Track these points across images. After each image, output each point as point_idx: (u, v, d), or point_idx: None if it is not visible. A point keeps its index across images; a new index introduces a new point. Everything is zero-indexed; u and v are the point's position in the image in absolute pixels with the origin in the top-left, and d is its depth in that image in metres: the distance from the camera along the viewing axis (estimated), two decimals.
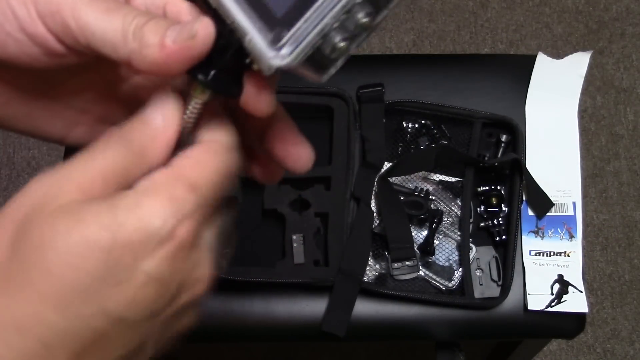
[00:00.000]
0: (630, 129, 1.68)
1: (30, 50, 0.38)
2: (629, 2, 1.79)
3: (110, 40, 0.36)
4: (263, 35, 0.35)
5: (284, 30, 0.35)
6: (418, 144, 1.01)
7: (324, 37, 0.35)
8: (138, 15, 0.36)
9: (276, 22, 0.35)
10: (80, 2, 0.36)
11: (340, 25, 0.35)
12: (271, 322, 0.94)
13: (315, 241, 0.95)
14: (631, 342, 1.54)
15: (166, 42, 0.35)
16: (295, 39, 0.35)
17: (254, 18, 0.35)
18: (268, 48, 0.35)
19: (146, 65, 0.36)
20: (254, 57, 0.36)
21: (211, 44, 0.36)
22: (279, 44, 0.35)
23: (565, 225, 0.96)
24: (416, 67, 1.08)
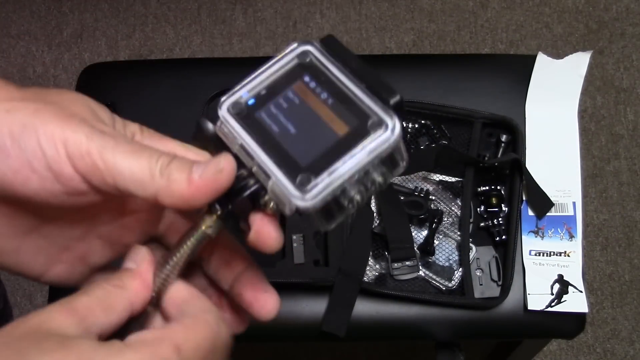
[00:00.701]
0: (630, 129, 1.68)
1: (52, 187, 0.39)
2: (629, 2, 1.79)
3: (139, 178, 0.39)
4: (289, 179, 0.40)
5: (311, 176, 0.39)
6: (418, 144, 1.01)
7: (343, 189, 0.39)
8: (162, 155, 0.39)
9: (300, 170, 0.40)
10: (108, 145, 0.39)
11: (357, 181, 0.40)
12: (271, 322, 0.93)
13: (315, 241, 0.95)
14: (631, 342, 1.54)
15: (193, 178, 0.38)
16: (320, 186, 0.39)
17: (279, 163, 0.40)
18: (295, 190, 0.39)
19: (174, 199, 0.39)
20: (277, 198, 0.40)
21: (233, 179, 0.40)
22: (306, 188, 0.39)
23: (565, 225, 0.96)
24: (416, 67, 1.08)
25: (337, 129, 0.41)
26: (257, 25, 1.80)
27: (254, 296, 0.45)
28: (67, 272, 0.46)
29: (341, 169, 0.39)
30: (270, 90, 0.43)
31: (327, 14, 1.80)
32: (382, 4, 1.80)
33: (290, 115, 0.42)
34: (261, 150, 0.41)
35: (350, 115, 0.41)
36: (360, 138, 0.40)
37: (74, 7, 1.83)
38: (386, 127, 0.40)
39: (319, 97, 0.42)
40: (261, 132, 0.41)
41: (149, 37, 1.80)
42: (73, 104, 0.41)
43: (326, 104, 0.42)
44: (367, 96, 0.41)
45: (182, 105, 1.02)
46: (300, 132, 0.41)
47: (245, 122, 0.42)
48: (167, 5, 1.82)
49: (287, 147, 0.41)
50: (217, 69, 1.07)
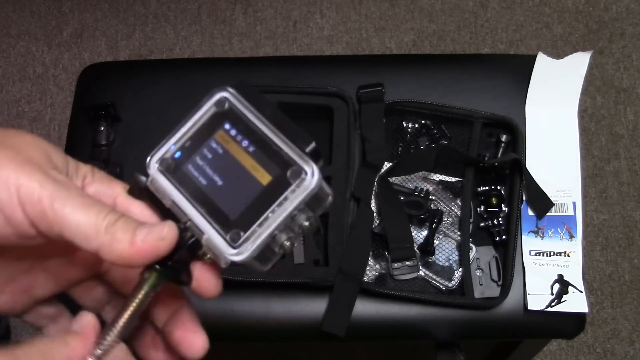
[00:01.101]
0: (630, 129, 1.68)
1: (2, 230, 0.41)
2: (629, 2, 1.79)
3: (84, 232, 0.40)
4: (221, 235, 0.42)
5: (240, 232, 0.42)
6: (418, 144, 1.01)
7: (273, 237, 0.42)
8: (110, 213, 0.41)
9: (231, 225, 0.42)
10: (59, 194, 0.40)
11: (285, 228, 0.42)
12: (271, 322, 0.94)
13: (315, 241, 0.95)
14: (631, 342, 1.54)
15: (136, 240, 0.40)
16: (251, 240, 0.41)
17: (210, 219, 0.42)
18: (227, 247, 0.42)
19: (114, 257, 0.40)
20: (212, 252, 0.43)
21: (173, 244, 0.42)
22: (237, 244, 0.42)
23: (565, 225, 0.96)
24: (416, 67, 1.08)
25: (260, 179, 0.43)
26: (257, 25, 1.80)
27: (183, 335, 0.46)
28: (11, 303, 0.47)
29: (269, 220, 0.41)
30: (195, 141, 0.45)
31: (327, 14, 1.80)
32: (382, 4, 1.80)
33: (216, 166, 0.44)
34: (191, 207, 0.43)
35: (271, 164, 0.43)
36: (283, 187, 0.42)
37: (74, 7, 1.83)
38: (305, 174, 0.42)
39: (240, 145, 0.44)
40: (189, 186, 0.44)
41: (149, 37, 1.80)
42: (29, 148, 0.42)
43: (248, 153, 0.43)
44: (285, 144, 0.43)
45: (182, 105, 1.02)
46: (226, 183, 0.43)
47: (174, 177, 0.44)
48: (167, 5, 1.82)
49: (215, 200, 0.43)
50: (217, 69, 1.07)
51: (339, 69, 1.06)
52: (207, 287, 0.44)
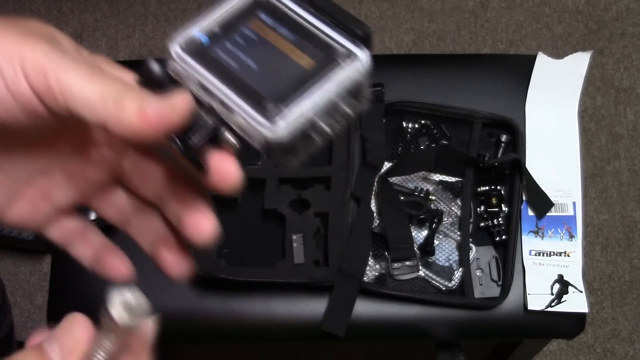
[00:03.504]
0: (630, 129, 1.68)
1: (10, 107, 0.38)
2: (629, 2, 1.79)
3: (90, 103, 0.37)
4: (256, 110, 0.37)
5: (281, 106, 0.37)
6: (418, 144, 1.01)
7: (313, 120, 0.38)
8: (120, 84, 0.38)
9: (266, 102, 0.38)
10: (65, 64, 0.38)
11: (326, 112, 0.38)
12: (271, 322, 0.94)
13: (315, 241, 0.95)
14: (631, 342, 1.53)
15: (145, 110, 0.37)
16: (291, 115, 0.37)
17: (244, 97, 0.38)
18: (265, 120, 0.37)
19: (122, 129, 0.37)
20: (244, 132, 0.38)
21: (188, 116, 0.38)
22: (276, 118, 0.37)
23: (565, 225, 0.96)
24: (416, 67, 1.08)
25: (302, 63, 0.39)
26: None
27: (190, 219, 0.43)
28: (30, 211, 0.44)
29: (311, 99, 0.38)
30: (224, 28, 0.41)
31: None
32: (382, 4, 1.80)
33: (250, 51, 0.40)
34: (223, 85, 0.39)
35: (315, 50, 0.39)
36: (330, 69, 0.38)
37: (74, 7, 1.83)
38: (355, 57, 0.38)
39: (278, 33, 0.40)
40: (220, 69, 0.39)
41: (149, 37, 1.80)
42: (35, 26, 0.40)
43: (288, 40, 0.40)
44: (333, 29, 0.39)
45: None
46: (262, 67, 0.39)
47: (201, 59, 0.40)
48: (167, 5, 1.82)
49: (250, 82, 0.39)
50: None
51: None
52: (227, 177, 0.39)
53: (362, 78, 0.38)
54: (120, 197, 0.46)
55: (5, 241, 1.51)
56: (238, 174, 0.39)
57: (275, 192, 0.97)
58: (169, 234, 0.46)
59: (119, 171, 0.45)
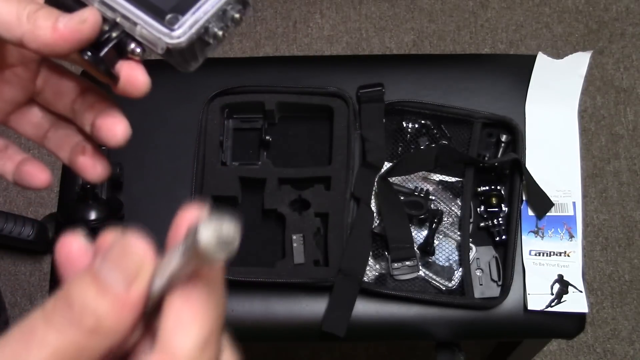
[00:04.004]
0: (630, 129, 1.68)
1: None
2: (629, 2, 1.79)
3: (6, 21, 0.41)
4: (157, 21, 0.43)
5: (178, 15, 0.43)
6: (418, 144, 1.01)
7: (207, 26, 0.43)
8: (32, 3, 0.42)
9: (165, 12, 0.43)
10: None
11: (218, 18, 0.44)
12: (271, 322, 0.94)
13: (315, 241, 0.95)
14: (631, 342, 1.53)
15: (58, 26, 0.41)
16: (187, 24, 0.43)
17: (145, 10, 0.43)
18: (165, 29, 0.43)
19: (38, 45, 0.41)
20: (147, 41, 0.43)
21: (98, 30, 0.42)
22: (174, 26, 0.43)
23: (565, 225, 0.96)
24: (416, 67, 1.08)
25: None
26: (257, 25, 1.80)
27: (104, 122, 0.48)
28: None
29: (203, 8, 0.43)
30: None
31: (327, 14, 1.80)
32: (382, 4, 1.80)
33: None
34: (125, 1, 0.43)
35: None
36: None
37: None
38: None
39: None
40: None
41: None
42: None
43: None
44: None
45: (182, 105, 1.02)
46: None
47: None
48: None
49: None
50: (217, 69, 1.07)
51: (339, 69, 1.06)
52: (135, 82, 0.44)
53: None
54: (36, 114, 0.50)
55: (5, 241, 1.51)
56: (146, 79, 0.44)
57: (275, 192, 0.97)
58: (84, 142, 0.50)
59: (33, 90, 0.48)
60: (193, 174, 0.98)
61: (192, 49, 0.44)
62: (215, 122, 1.00)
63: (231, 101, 1.01)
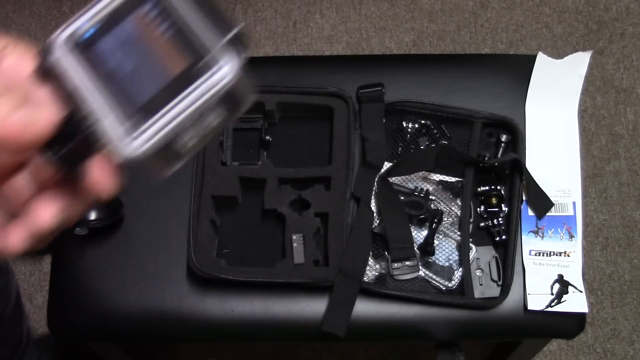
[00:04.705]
0: (630, 129, 1.68)
1: None
2: (629, 2, 1.79)
3: None
4: (118, 123, 0.37)
5: (140, 121, 0.36)
6: (418, 144, 1.01)
7: (176, 135, 0.37)
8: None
9: (131, 114, 0.37)
10: None
11: (191, 125, 0.37)
12: (271, 322, 0.94)
13: (315, 241, 0.95)
14: (631, 342, 1.53)
15: (7, 122, 0.36)
16: (151, 132, 0.36)
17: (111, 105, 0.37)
18: (124, 135, 0.37)
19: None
20: (107, 143, 0.37)
21: (51, 133, 0.37)
22: (134, 134, 0.36)
23: (565, 225, 0.96)
24: (416, 67, 1.08)
25: (172, 67, 0.38)
26: (257, 25, 1.80)
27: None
28: None
29: (173, 112, 0.37)
30: (109, 20, 0.40)
31: (327, 14, 1.80)
32: (382, 4, 1.80)
33: (128, 49, 0.39)
34: (93, 92, 0.38)
35: (187, 52, 0.38)
36: (195, 78, 0.37)
37: (74, 7, 1.83)
38: (220, 65, 0.37)
39: (157, 29, 0.39)
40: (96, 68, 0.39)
41: None
42: None
43: (164, 37, 0.39)
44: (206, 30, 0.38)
45: None
46: (136, 69, 0.39)
47: (81, 56, 0.39)
48: None
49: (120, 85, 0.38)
50: None
51: (339, 69, 1.06)
52: (100, 182, 0.38)
53: (229, 85, 0.37)
54: None
55: None
56: (111, 180, 0.39)
57: (275, 192, 0.97)
58: None
59: None
60: (193, 174, 0.98)
61: (160, 158, 0.38)
62: None
63: None
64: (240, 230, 0.99)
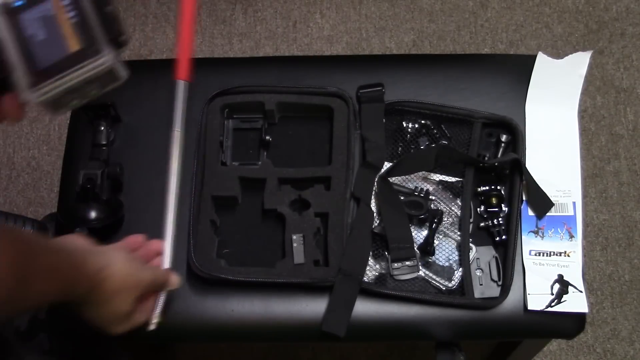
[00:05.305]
0: (630, 129, 1.68)
1: None
2: (629, 2, 1.79)
3: None
4: (26, 78, 0.56)
5: (41, 80, 0.55)
6: (418, 144, 1.01)
7: (64, 94, 0.56)
8: None
9: (36, 72, 0.55)
10: None
11: (75, 90, 0.56)
12: (271, 322, 0.94)
13: (315, 241, 0.95)
14: (631, 342, 1.54)
15: None
16: (45, 90, 0.55)
17: (23, 62, 0.56)
18: (27, 88, 0.56)
19: None
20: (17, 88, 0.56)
21: None
22: (35, 88, 0.55)
23: (565, 225, 0.96)
24: (416, 67, 1.08)
25: (70, 45, 0.56)
26: (257, 25, 1.80)
27: None
28: None
29: (64, 79, 0.55)
30: None
31: (327, 14, 1.80)
32: (382, 4, 1.80)
33: (43, 23, 0.56)
34: (13, 47, 0.56)
35: (83, 37, 0.56)
36: (85, 58, 0.56)
37: None
38: (102, 54, 0.56)
39: (67, 14, 0.56)
40: (17, 31, 0.56)
41: (149, 37, 1.80)
42: None
43: (70, 22, 0.56)
44: (98, 27, 0.56)
45: None
46: (45, 39, 0.56)
47: (9, 18, 0.56)
48: (167, 5, 1.82)
49: (32, 49, 0.56)
50: (217, 69, 1.07)
51: (339, 69, 1.06)
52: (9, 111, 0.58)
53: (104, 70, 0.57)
54: None
55: None
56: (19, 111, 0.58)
57: (275, 192, 0.97)
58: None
59: None
60: (193, 174, 0.98)
61: (52, 105, 0.57)
62: (215, 122, 1.00)
63: (231, 101, 1.01)
64: (240, 230, 0.99)
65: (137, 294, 0.79)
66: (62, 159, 1.04)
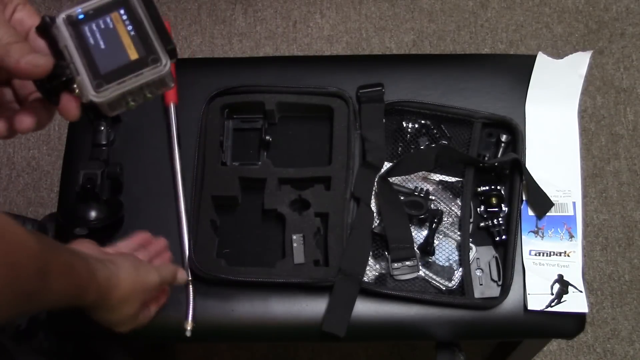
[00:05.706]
0: (630, 129, 1.68)
1: None
2: (629, 2, 1.79)
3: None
4: (90, 80, 0.62)
5: (104, 82, 0.62)
6: (418, 144, 1.01)
7: (123, 96, 0.63)
8: (15, 35, 0.61)
9: (99, 76, 0.62)
10: None
11: (134, 92, 0.63)
12: (271, 322, 0.94)
13: (315, 241, 0.95)
14: (631, 342, 1.54)
15: (20, 61, 0.60)
16: (108, 91, 0.62)
17: (87, 66, 0.63)
18: (92, 89, 0.62)
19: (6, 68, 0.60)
20: (80, 89, 0.63)
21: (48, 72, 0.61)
22: (98, 90, 0.62)
23: (565, 225, 0.96)
24: (416, 67, 1.08)
25: (130, 54, 0.63)
26: (257, 25, 1.80)
27: None
28: None
29: (125, 83, 0.62)
30: (96, 13, 0.64)
31: (327, 14, 1.80)
32: (382, 4, 1.80)
33: (104, 34, 0.64)
34: (77, 54, 0.63)
35: (142, 47, 0.63)
36: (144, 66, 0.63)
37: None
38: (160, 63, 0.63)
39: (125, 27, 0.64)
40: (80, 40, 0.63)
41: None
42: None
43: (129, 34, 0.63)
44: (155, 39, 0.63)
45: (182, 105, 1.02)
46: (106, 48, 0.63)
47: (72, 29, 0.63)
48: (167, 5, 1.82)
49: (94, 56, 0.63)
50: (217, 69, 1.07)
51: (339, 69, 1.06)
52: (69, 110, 0.63)
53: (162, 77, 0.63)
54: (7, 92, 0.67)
55: None
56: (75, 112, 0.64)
57: (275, 192, 0.97)
58: None
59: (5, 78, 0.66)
60: (193, 174, 0.98)
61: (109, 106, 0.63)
62: (215, 122, 1.00)
63: (231, 101, 1.01)
64: (240, 230, 0.99)
65: (144, 298, 0.82)
66: (62, 159, 1.04)
